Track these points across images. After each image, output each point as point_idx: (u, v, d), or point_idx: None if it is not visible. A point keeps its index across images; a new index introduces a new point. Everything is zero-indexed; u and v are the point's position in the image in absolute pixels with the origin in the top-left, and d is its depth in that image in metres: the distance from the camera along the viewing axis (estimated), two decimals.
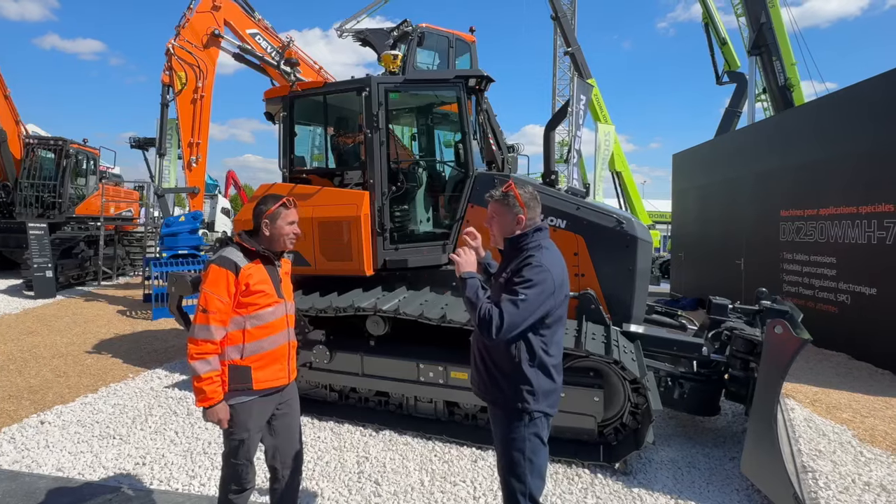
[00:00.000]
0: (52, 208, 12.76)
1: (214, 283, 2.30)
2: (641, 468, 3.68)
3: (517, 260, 2.22)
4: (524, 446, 2.18)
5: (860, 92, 6.98)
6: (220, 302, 2.29)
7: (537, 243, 2.23)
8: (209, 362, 2.27)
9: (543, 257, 2.17)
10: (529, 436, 2.19)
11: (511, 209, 2.25)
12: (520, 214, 2.24)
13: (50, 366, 6.04)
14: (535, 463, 2.20)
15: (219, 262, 2.34)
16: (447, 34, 7.03)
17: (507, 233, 2.29)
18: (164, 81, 9.93)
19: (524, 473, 2.18)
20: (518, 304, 2.05)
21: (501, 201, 2.27)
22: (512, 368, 2.19)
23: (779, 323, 3.16)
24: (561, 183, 5.55)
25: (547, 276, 2.11)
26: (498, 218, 2.29)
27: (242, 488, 2.47)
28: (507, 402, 2.21)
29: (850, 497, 3.33)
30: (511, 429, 2.20)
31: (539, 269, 2.11)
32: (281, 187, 4.99)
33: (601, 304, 4.28)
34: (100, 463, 3.70)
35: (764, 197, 8.81)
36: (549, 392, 2.22)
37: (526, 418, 2.18)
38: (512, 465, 2.20)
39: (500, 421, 2.26)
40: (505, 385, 2.21)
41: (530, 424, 2.19)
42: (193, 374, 2.28)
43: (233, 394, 2.36)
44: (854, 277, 6.81)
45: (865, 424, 4.57)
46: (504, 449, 2.24)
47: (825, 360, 6.64)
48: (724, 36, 19.22)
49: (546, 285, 2.10)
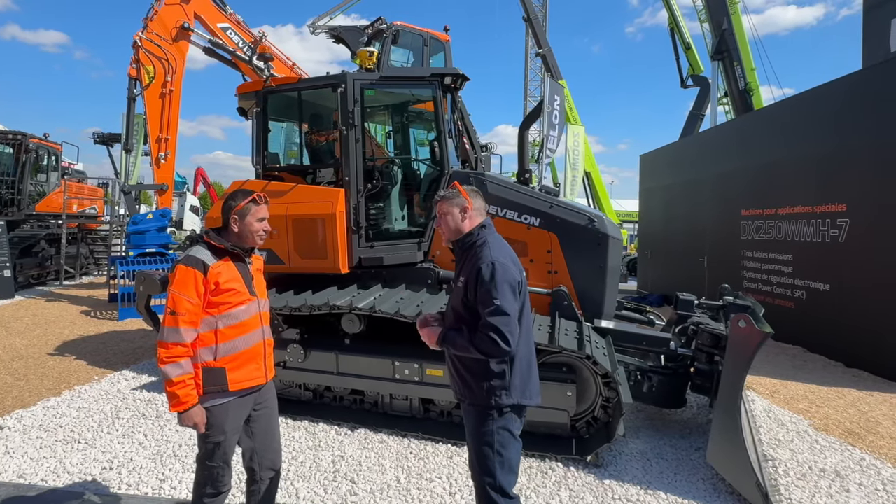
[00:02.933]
0: (10, 205, 12.22)
1: (182, 284, 2.23)
2: (612, 460, 3.79)
3: (468, 261, 2.26)
4: (493, 440, 2.20)
5: (815, 97, 7.33)
6: (190, 303, 2.22)
7: (483, 239, 2.27)
8: (181, 365, 2.20)
9: (493, 253, 2.19)
10: (498, 429, 2.21)
11: (455, 200, 2.33)
12: (464, 204, 2.32)
13: (9, 369, 5.80)
14: (505, 456, 2.22)
15: (186, 261, 2.27)
16: (422, 32, 7.04)
17: (455, 227, 2.33)
18: (131, 75, 9.64)
19: (493, 466, 2.20)
20: (501, 310, 2.09)
21: (447, 197, 2.35)
22: (481, 368, 2.21)
23: (742, 317, 3.29)
24: (533, 182, 5.64)
25: (505, 271, 2.14)
26: (446, 214, 2.35)
27: (218, 491, 2.41)
28: (479, 400, 2.23)
29: (807, 483, 3.51)
30: (481, 422, 2.23)
31: (493, 268, 2.13)
32: (254, 184, 4.93)
33: (573, 301, 4.38)
34: (64, 468, 3.59)
35: (726, 197, 9.14)
36: (522, 384, 2.23)
37: (495, 413, 2.20)
38: (481, 458, 2.23)
39: (471, 416, 2.28)
40: (476, 385, 2.22)
41: (500, 419, 2.21)
42: (165, 379, 2.21)
43: (208, 396, 2.29)
44: (809, 274, 7.13)
45: (820, 414, 4.81)
46: (474, 443, 2.26)
47: (782, 354, 6.95)
48: (689, 41, 19.81)
49: (509, 279, 2.14)
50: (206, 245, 2.34)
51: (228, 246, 2.35)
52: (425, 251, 4.91)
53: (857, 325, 6.29)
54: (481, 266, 2.15)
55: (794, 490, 3.40)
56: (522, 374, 2.24)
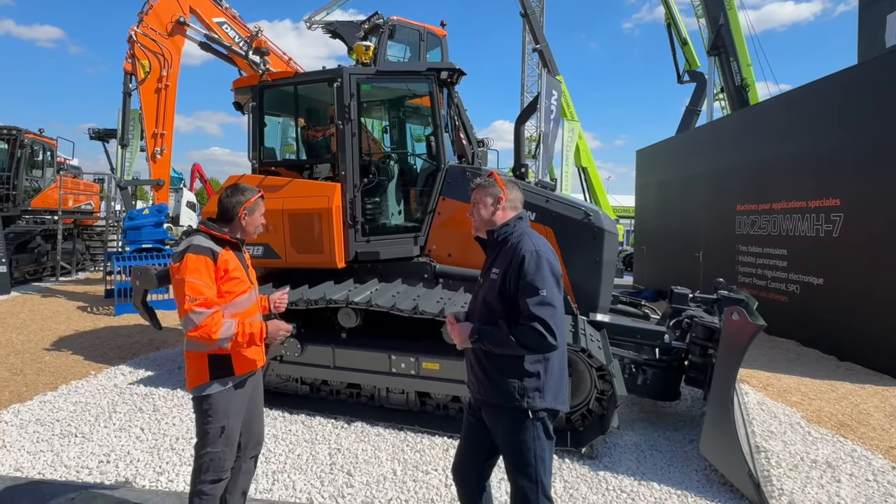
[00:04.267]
0: (5, 201, 12.16)
1: (196, 271, 2.22)
2: (607, 452, 3.82)
3: (504, 252, 2.15)
4: (534, 446, 2.08)
5: (811, 92, 7.35)
6: (207, 287, 2.23)
7: (521, 231, 2.18)
8: (226, 326, 2.22)
9: (536, 243, 2.11)
10: (538, 434, 2.08)
11: (491, 189, 2.22)
12: (499, 194, 2.20)
13: (5, 364, 5.80)
14: (547, 462, 2.12)
15: (194, 250, 2.27)
16: (418, 27, 7.04)
17: (489, 216, 2.22)
18: (126, 70, 9.59)
19: (535, 473, 2.09)
20: (547, 301, 1.99)
21: (483, 185, 2.24)
22: (515, 367, 2.08)
23: (736, 310, 3.33)
24: (530, 177, 5.66)
25: (549, 264, 2.06)
26: (480, 202, 2.24)
27: (218, 478, 2.43)
28: (508, 402, 2.08)
29: (798, 474, 3.55)
30: (519, 430, 2.08)
31: (539, 258, 2.05)
32: (250, 179, 4.92)
33: (569, 294, 4.41)
34: (61, 462, 3.60)
35: (721, 192, 9.18)
36: (555, 388, 2.11)
37: (533, 417, 2.07)
38: (524, 466, 2.10)
39: (503, 422, 2.13)
40: (507, 385, 2.08)
41: (537, 424, 2.08)
42: (229, 344, 2.24)
43: (212, 383, 2.35)
44: (803, 268, 7.18)
45: (813, 406, 4.86)
46: (513, 450, 2.11)
47: (776, 347, 7.00)
48: (686, 36, 19.85)
49: (553, 272, 2.06)
50: (205, 235, 2.36)
51: (232, 236, 2.39)
52: (421, 245, 4.92)
53: (851, 318, 6.34)
54: (525, 255, 2.04)
55: (786, 481, 3.44)
56: (556, 377, 2.12)
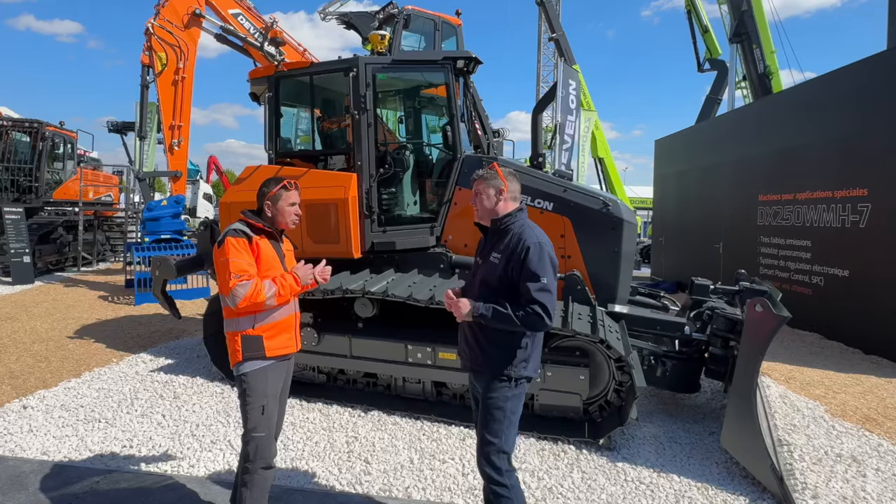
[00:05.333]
0: (28, 192, 12.41)
1: (235, 251, 2.42)
2: (625, 443, 3.79)
3: (506, 241, 2.34)
4: (506, 405, 2.33)
5: (837, 78, 7.13)
6: (249, 265, 2.43)
7: (522, 222, 2.39)
8: (267, 287, 2.40)
9: (538, 235, 2.32)
10: (513, 396, 2.35)
11: (493, 181, 2.40)
12: (500, 186, 2.39)
13: (31, 351, 5.94)
14: (513, 420, 2.36)
15: (232, 234, 2.47)
16: (433, 17, 6.96)
17: (490, 206, 2.42)
18: (143, 62, 9.70)
19: (501, 430, 2.33)
20: (547, 288, 2.23)
21: (485, 176, 2.43)
22: (507, 341, 2.33)
23: (759, 301, 3.25)
24: (546, 167, 5.59)
25: (550, 255, 2.29)
26: (483, 193, 2.43)
27: (268, 465, 2.51)
28: (497, 370, 2.34)
29: (823, 468, 3.48)
30: (496, 389, 2.34)
31: (542, 249, 2.27)
32: (267, 169, 4.94)
33: (587, 285, 4.36)
34: (86, 446, 3.68)
35: (743, 182, 8.98)
36: (535, 355, 2.40)
37: (513, 383, 2.33)
38: (492, 421, 2.34)
39: (485, 382, 2.39)
40: (497, 355, 2.34)
41: (516, 388, 2.35)
42: (277, 301, 2.44)
43: (247, 362, 2.48)
44: (828, 260, 7.01)
45: (837, 400, 4.75)
46: (485, 405, 2.37)
47: (798, 340, 6.86)
48: (707, 23, 19.37)
49: (552, 263, 2.29)
50: (243, 223, 2.55)
51: (265, 224, 2.57)
52: (437, 236, 4.90)
53: (877, 311, 6.18)
54: (530, 246, 2.27)
55: (810, 474, 3.38)
56: (536, 351, 2.40)
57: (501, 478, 2.32)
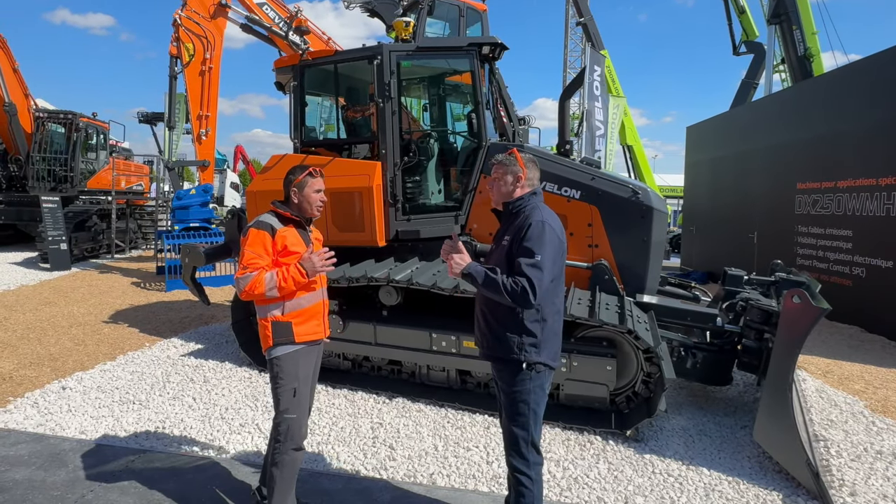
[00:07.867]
0: (63, 182, 12.83)
1: (252, 243, 2.51)
2: (653, 435, 3.72)
3: (516, 224, 2.34)
4: (529, 398, 2.31)
5: (883, 61, 6.77)
6: (259, 258, 2.50)
7: (534, 205, 2.37)
8: (269, 278, 2.44)
9: (545, 215, 2.31)
10: (535, 388, 2.31)
11: (512, 168, 2.39)
12: (519, 173, 2.39)
13: (68, 335, 6.16)
14: (539, 413, 2.34)
15: (256, 225, 2.55)
16: (458, 3, 6.83)
17: (507, 192, 2.41)
18: (171, 53, 9.84)
19: (528, 423, 2.32)
20: (539, 266, 2.17)
21: (503, 163, 2.42)
22: (515, 323, 2.30)
23: (797, 293, 3.13)
24: (573, 155, 5.48)
25: (553, 235, 2.25)
26: (501, 179, 2.43)
27: (299, 446, 2.55)
28: (511, 356, 2.30)
29: (861, 465, 3.35)
30: (517, 381, 2.32)
31: (543, 228, 2.24)
32: (293, 158, 4.97)
33: (615, 275, 4.27)
34: (121, 426, 3.80)
35: (779, 169, 8.66)
36: (550, 343, 2.33)
37: (532, 371, 2.30)
38: (517, 415, 2.33)
39: (505, 375, 2.37)
40: (507, 338, 2.31)
41: (536, 377, 2.31)
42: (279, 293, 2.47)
43: (277, 347, 2.53)
44: (870, 250, 6.72)
45: (878, 395, 4.57)
46: (509, 400, 2.35)
47: (837, 333, 6.62)
48: (743, 4, 18.58)
49: (555, 243, 2.25)
50: (273, 213, 2.62)
51: (292, 213, 2.62)
52: (462, 224, 4.86)
53: None
54: (532, 223, 2.25)
55: (847, 471, 3.26)
56: (551, 337, 2.35)
57: (529, 470, 2.32)
